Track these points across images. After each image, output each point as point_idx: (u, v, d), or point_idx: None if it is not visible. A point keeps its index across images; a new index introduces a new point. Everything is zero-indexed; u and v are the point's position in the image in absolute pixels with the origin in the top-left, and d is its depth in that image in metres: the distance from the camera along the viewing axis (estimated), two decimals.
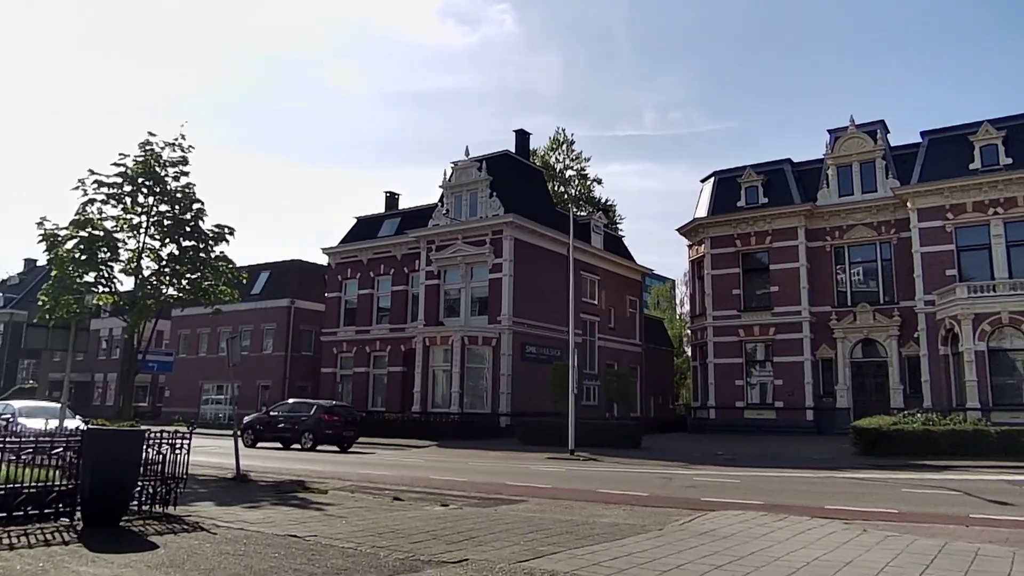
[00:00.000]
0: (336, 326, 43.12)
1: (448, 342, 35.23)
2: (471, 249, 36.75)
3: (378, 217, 45.32)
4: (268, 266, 49.47)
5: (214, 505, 9.97)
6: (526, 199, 38.68)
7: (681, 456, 23.64)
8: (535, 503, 12.24)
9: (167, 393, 53.82)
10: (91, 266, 18.70)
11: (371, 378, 41.10)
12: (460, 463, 20.96)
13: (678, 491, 14.29)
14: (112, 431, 7.73)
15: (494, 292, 36.04)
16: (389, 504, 11.09)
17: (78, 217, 18.76)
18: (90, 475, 7.52)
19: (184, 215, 19.79)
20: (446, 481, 15.62)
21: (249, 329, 47.42)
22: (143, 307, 19.21)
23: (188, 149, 20.61)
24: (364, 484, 14.76)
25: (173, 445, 8.81)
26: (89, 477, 7.53)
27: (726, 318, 38.91)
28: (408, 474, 17.23)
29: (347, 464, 20.24)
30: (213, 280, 19.96)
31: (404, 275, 40.45)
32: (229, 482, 13.52)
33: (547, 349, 37.92)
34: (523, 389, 35.31)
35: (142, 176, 19.66)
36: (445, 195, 39.09)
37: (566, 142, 68.63)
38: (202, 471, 16.82)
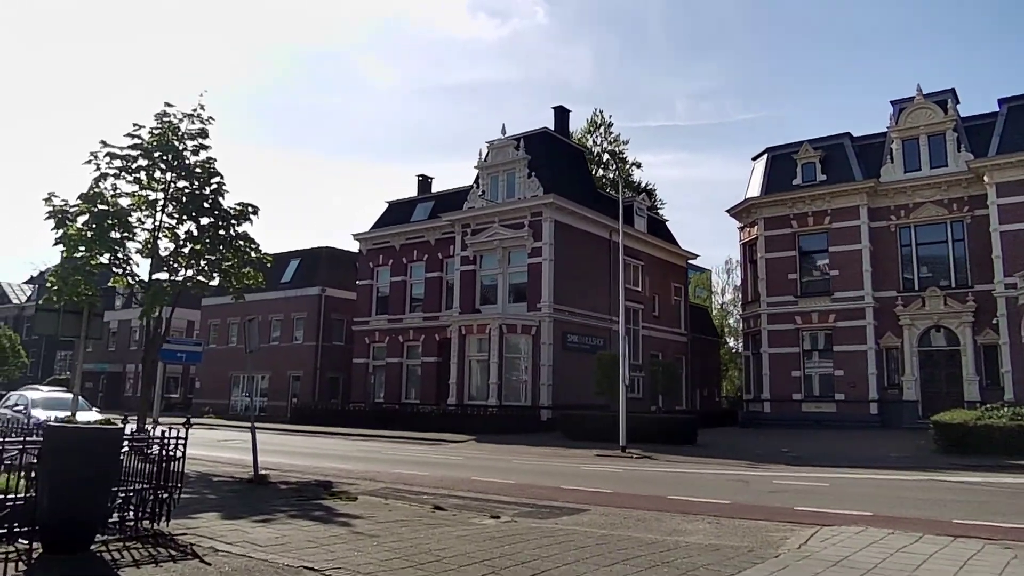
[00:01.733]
0: (368, 315, 41.56)
1: (485, 331, 33.41)
2: (509, 232, 34.83)
3: (410, 201, 43.56)
4: (298, 254, 48.09)
5: (219, 517, 8.24)
6: (566, 179, 36.63)
7: (743, 454, 21.53)
8: (599, 513, 10.36)
9: (197, 384, 52.93)
10: (102, 245, 17.17)
11: (404, 369, 39.46)
12: (503, 461, 19.14)
13: (762, 498, 12.27)
14: (78, 430, 5.97)
15: (533, 278, 34.11)
16: (429, 515, 9.27)
17: (88, 192, 17.24)
18: (48, 486, 5.80)
19: (202, 190, 18.17)
20: (490, 484, 13.78)
21: (279, 318, 46.17)
22: (158, 290, 17.64)
23: (208, 121, 18.94)
24: (399, 486, 13.00)
25: (164, 446, 7.06)
26: (47, 489, 5.80)
27: (781, 304, 36.48)
28: (447, 474, 15.43)
29: (380, 461, 18.54)
30: (234, 261, 18.34)
31: (438, 261, 38.67)
32: (245, 484, 11.83)
33: (590, 338, 35.94)
34: (565, 380, 33.40)
35: (158, 150, 18.09)
36: (481, 176, 37.20)
37: (604, 124, 66.43)
38: (220, 468, 15.27)
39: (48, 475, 5.83)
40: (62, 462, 5.81)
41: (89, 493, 5.85)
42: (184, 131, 18.66)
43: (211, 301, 48.15)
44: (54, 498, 5.76)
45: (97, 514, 6.03)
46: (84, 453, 5.86)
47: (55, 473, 5.81)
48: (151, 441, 7.03)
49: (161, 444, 7.05)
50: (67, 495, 5.76)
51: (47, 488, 5.82)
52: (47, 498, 5.80)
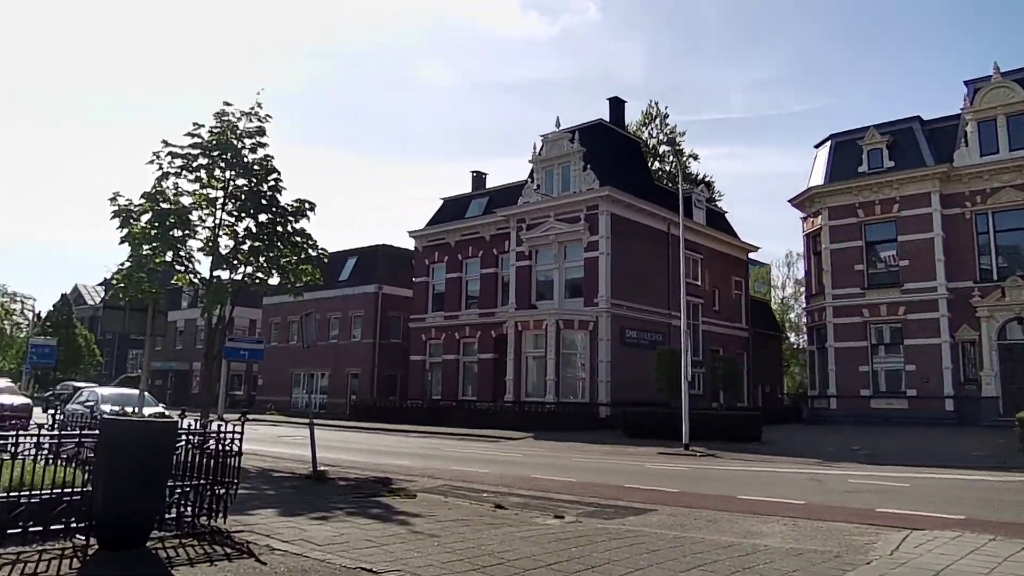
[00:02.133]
0: (424, 312, 41.64)
1: (541, 327, 33.03)
2: (564, 227, 34.36)
3: (465, 197, 43.48)
4: (354, 252, 48.53)
5: (277, 514, 8.08)
6: (622, 171, 35.95)
7: (812, 452, 20.62)
8: (667, 513, 9.89)
9: (260, 382, 54.00)
10: (165, 243, 17.43)
11: (461, 366, 39.39)
12: (563, 459, 18.75)
13: (839, 498, 11.59)
14: (132, 423, 5.83)
15: (590, 272, 33.57)
16: (490, 514, 8.95)
17: (151, 191, 17.53)
18: (103, 481, 5.67)
19: (260, 187, 18.30)
20: (552, 482, 13.41)
21: (337, 316, 46.68)
22: (218, 287, 17.82)
23: (265, 119, 19.10)
24: (458, 484, 12.74)
25: (220, 440, 6.90)
26: (102, 483, 5.67)
27: (847, 297, 35.08)
28: (507, 472, 15.12)
29: (438, 458, 18.36)
30: (291, 256, 18.43)
31: (493, 257, 38.46)
32: (304, 481, 11.72)
33: (648, 334, 35.23)
34: (623, 377, 32.80)
35: (217, 149, 18.29)
36: (535, 170, 36.81)
37: (659, 116, 65.28)
38: (281, 464, 15.27)
39: (103, 469, 5.70)
40: (116, 456, 5.67)
41: (144, 488, 5.70)
42: (242, 129, 18.84)
43: (272, 300, 49.00)
44: (109, 493, 5.63)
45: (152, 510, 5.87)
46: (138, 447, 5.71)
47: (110, 467, 5.67)
48: (207, 435, 6.86)
49: (217, 438, 6.88)
50: (121, 489, 5.62)
51: (102, 482, 5.69)
52: (102, 493, 5.67)
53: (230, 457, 6.94)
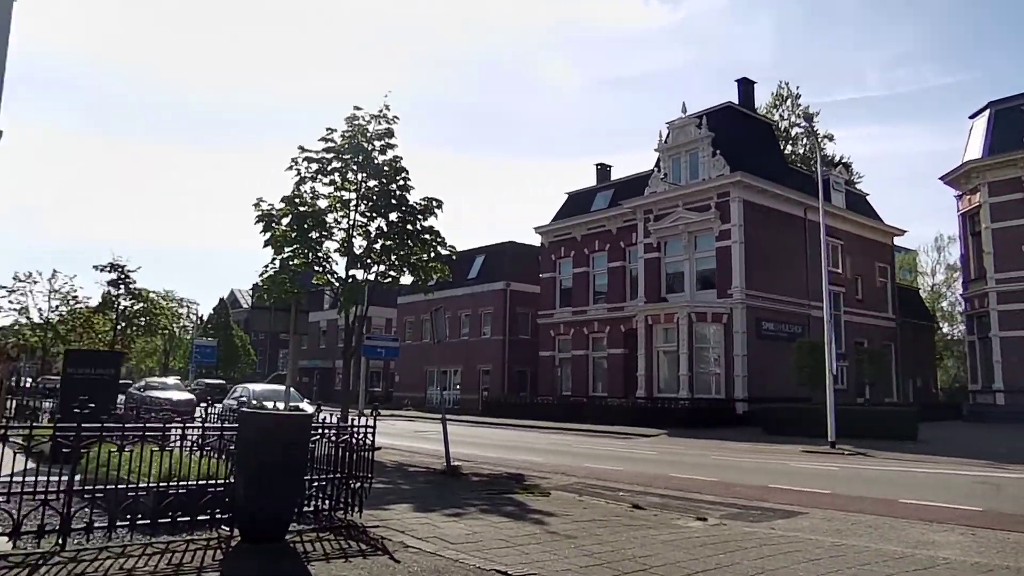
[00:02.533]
0: (552, 308, 41.52)
1: (672, 320, 32.03)
2: (694, 216, 33.15)
3: (590, 191, 42.95)
4: (482, 250, 49.15)
5: (411, 509, 8.04)
6: (754, 155, 34.23)
7: (979, 452, 18.66)
8: (820, 517, 9.10)
9: (397, 378, 55.85)
10: (304, 244, 18.20)
11: (590, 361, 38.95)
12: (700, 457, 17.95)
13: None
14: (269, 415, 5.91)
15: (722, 262, 32.20)
16: (628, 514, 8.55)
17: (290, 195, 18.36)
18: (243, 473, 5.76)
19: (390, 186, 18.74)
20: (690, 481, 12.79)
21: (467, 314, 47.47)
22: (353, 286, 18.40)
23: (393, 120, 19.58)
24: (592, 482, 12.39)
25: (354, 434, 6.91)
26: (243, 476, 5.77)
27: (1014, 280, 31.67)
28: (642, 470, 14.60)
29: (571, 455, 18.08)
30: (421, 254, 18.75)
31: (620, 250, 37.72)
32: (438, 476, 11.75)
33: (786, 325, 33.37)
34: (760, 371, 31.23)
35: (349, 152, 18.90)
36: (661, 158, 35.75)
37: (790, 96, 61.89)
38: (416, 459, 15.50)
39: (242, 462, 5.80)
40: (254, 449, 5.76)
41: (280, 481, 5.75)
42: (372, 132, 19.39)
43: (406, 299, 50.60)
44: (248, 485, 5.72)
45: (290, 503, 5.93)
46: (275, 440, 5.77)
47: (248, 460, 5.76)
48: (341, 430, 6.89)
49: (350, 432, 6.89)
50: (259, 482, 5.69)
51: (242, 475, 5.79)
52: (242, 485, 5.76)
53: (363, 451, 6.93)
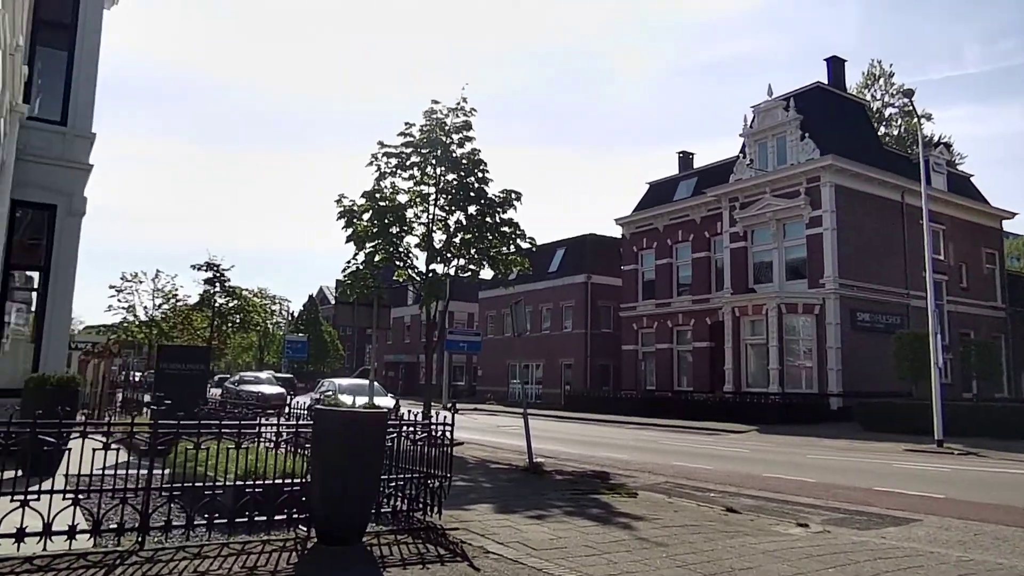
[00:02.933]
0: (634, 300, 40.71)
1: (761, 312, 30.81)
2: (782, 203, 31.76)
3: (672, 180, 41.85)
4: (563, 243, 48.74)
5: (493, 510, 7.78)
6: (846, 138, 32.49)
7: None
8: (935, 525, 8.36)
9: (479, 372, 56.15)
10: (385, 240, 18.29)
11: (675, 355, 37.98)
12: (794, 455, 17.08)
13: None
14: (342, 413, 5.73)
15: (813, 251, 30.73)
16: (722, 519, 8.04)
17: (370, 190, 18.49)
18: (318, 473, 5.62)
19: (468, 179, 18.61)
20: (785, 481, 12.09)
21: (549, 307, 47.21)
22: (434, 280, 18.37)
23: (471, 112, 19.46)
24: (681, 481, 11.87)
25: (431, 431, 6.70)
26: (317, 476, 5.63)
27: None
28: (733, 469, 13.94)
29: (657, 452, 17.52)
30: (500, 247, 18.56)
31: (705, 240, 36.57)
32: (520, 473, 11.49)
33: (883, 316, 31.59)
34: (856, 364, 29.67)
35: (427, 146, 18.88)
36: (746, 144, 34.40)
37: (883, 76, 58.67)
38: (499, 455, 15.31)
39: (316, 460, 5.66)
40: (328, 447, 5.60)
41: (355, 480, 5.58)
42: (450, 125, 19.31)
43: (487, 294, 50.74)
44: (323, 485, 5.57)
45: (365, 503, 5.75)
46: (349, 437, 5.60)
47: (322, 458, 5.62)
48: (418, 426, 6.69)
49: (428, 429, 6.68)
50: (334, 481, 5.54)
51: (317, 474, 5.65)
52: (319, 485, 5.63)
53: (442, 448, 6.71)
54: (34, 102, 11.40)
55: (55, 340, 11.11)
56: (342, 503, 5.50)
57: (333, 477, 5.53)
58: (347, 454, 5.50)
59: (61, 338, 11.29)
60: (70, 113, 11.52)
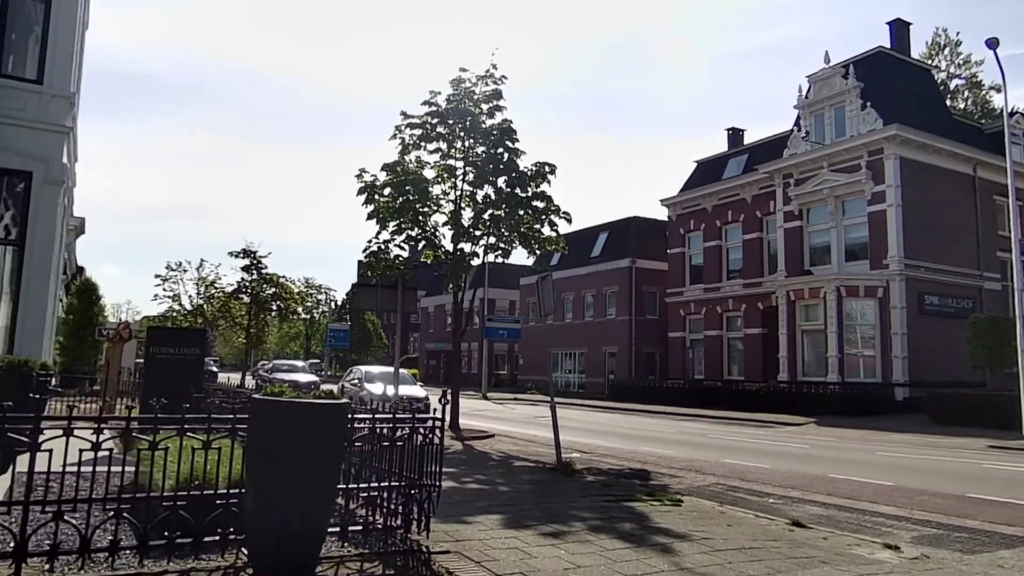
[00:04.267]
0: (681, 285, 38.76)
1: (819, 295, 28.68)
2: (841, 178, 29.51)
3: (721, 158, 39.63)
4: (606, 227, 46.94)
5: (501, 524, 6.34)
6: (910, 107, 30.02)
7: None
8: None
9: (521, 361, 54.80)
10: (409, 216, 16.97)
11: (724, 342, 35.98)
12: (861, 452, 15.25)
13: None
14: (290, 404, 4.34)
15: (876, 229, 28.45)
16: (788, 536, 6.48)
17: (391, 162, 17.18)
18: (254, 483, 4.27)
19: (498, 150, 17.16)
20: (857, 485, 10.39)
21: (592, 293, 45.57)
22: (460, 259, 17.00)
23: (501, 80, 17.98)
24: (733, 483, 10.27)
25: (415, 429, 5.29)
26: (253, 487, 4.28)
27: None
28: (793, 468, 12.25)
29: (705, 448, 15.88)
30: (532, 223, 17.08)
31: (756, 220, 34.41)
32: (546, 473, 10.02)
33: (953, 299, 29.18)
34: (923, 352, 27.40)
35: (454, 115, 17.48)
36: (802, 116, 32.11)
37: (949, 45, 55.17)
38: (530, 449, 13.88)
39: (252, 466, 4.30)
40: (267, 448, 4.23)
41: (302, 492, 4.19)
42: (479, 95, 17.88)
43: (528, 280, 49.17)
44: (259, 498, 4.21)
45: (316, 523, 4.35)
46: (296, 436, 4.21)
47: (259, 463, 4.25)
48: (397, 423, 5.29)
49: (412, 425, 5.28)
50: (272, 494, 4.17)
51: (252, 485, 4.29)
52: (251, 499, 4.27)
53: (431, 449, 5.30)
54: (6, 59, 10.34)
55: (31, 322, 10.06)
56: (284, 523, 4.13)
57: (270, 489, 4.17)
58: (291, 458, 4.13)
59: (38, 320, 10.23)
60: (47, 71, 10.43)
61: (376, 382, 21.05)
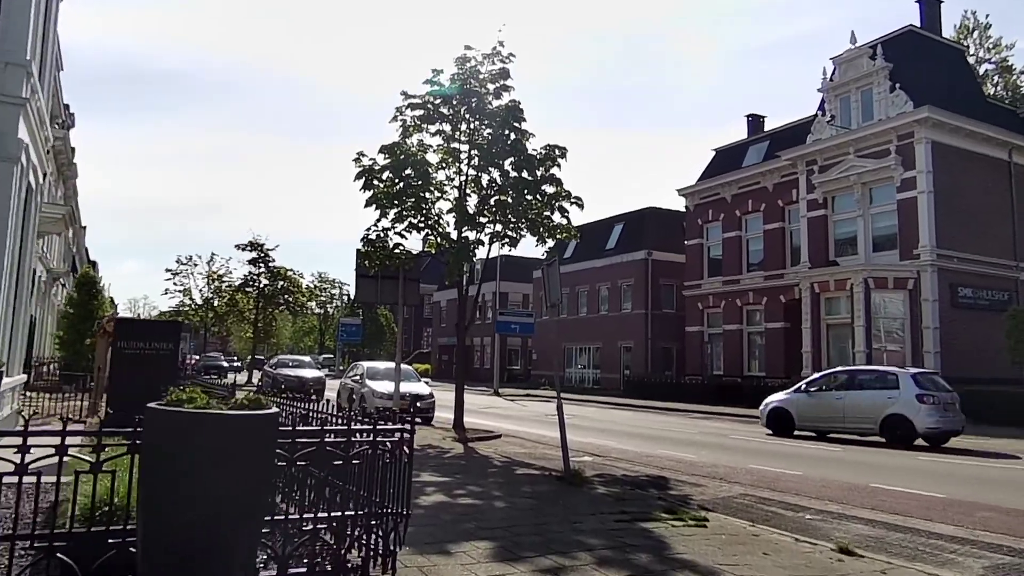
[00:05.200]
0: (699, 278, 37.44)
1: (845, 287, 27.32)
2: (868, 164, 28.09)
3: (740, 145, 38.19)
4: (621, 218, 45.66)
5: (489, 555, 5.24)
6: (942, 89, 28.52)
7: None
8: None
9: (534, 356, 53.72)
10: (411, 201, 15.88)
11: (744, 337, 34.64)
12: (900, 457, 13.95)
13: None
14: (195, 416, 3.27)
15: (906, 218, 27.04)
16: (837, 570, 5.35)
17: (389, 144, 16.08)
18: (144, 515, 3.21)
19: (504, 131, 16.03)
20: (904, 497, 9.21)
21: (606, 287, 44.37)
22: (463, 246, 15.90)
23: (509, 59, 16.81)
24: (763, 494, 9.14)
25: (375, 442, 4.22)
26: (142, 516, 3.22)
27: None
28: (827, 475, 11.05)
29: (727, 450, 14.71)
30: (542, 208, 15.95)
31: (778, 209, 33.02)
32: (552, 484, 8.91)
33: (988, 291, 27.73)
34: (956, 347, 26.01)
35: (457, 95, 16.36)
36: (826, 100, 30.68)
37: (978, 28, 53.22)
38: (538, 451, 12.78)
39: (146, 494, 3.24)
40: (166, 471, 3.17)
41: (215, 527, 3.13)
42: (485, 74, 16.76)
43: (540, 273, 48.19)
44: (151, 534, 3.15)
45: (231, 567, 3.28)
46: (207, 456, 3.16)
47: (153, 494, 3.19)
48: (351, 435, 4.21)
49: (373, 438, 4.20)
50: (173, 530, 3.11)
51: (143, 518, 3.23)
52: (143, 536, 3.21)
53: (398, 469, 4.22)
54: None
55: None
56: (190, 564, 3.08)
57: (166, 524, 3.11)
58: (195, 483, 3.07)
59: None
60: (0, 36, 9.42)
61: (378, 379, 20.02)
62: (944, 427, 15.61)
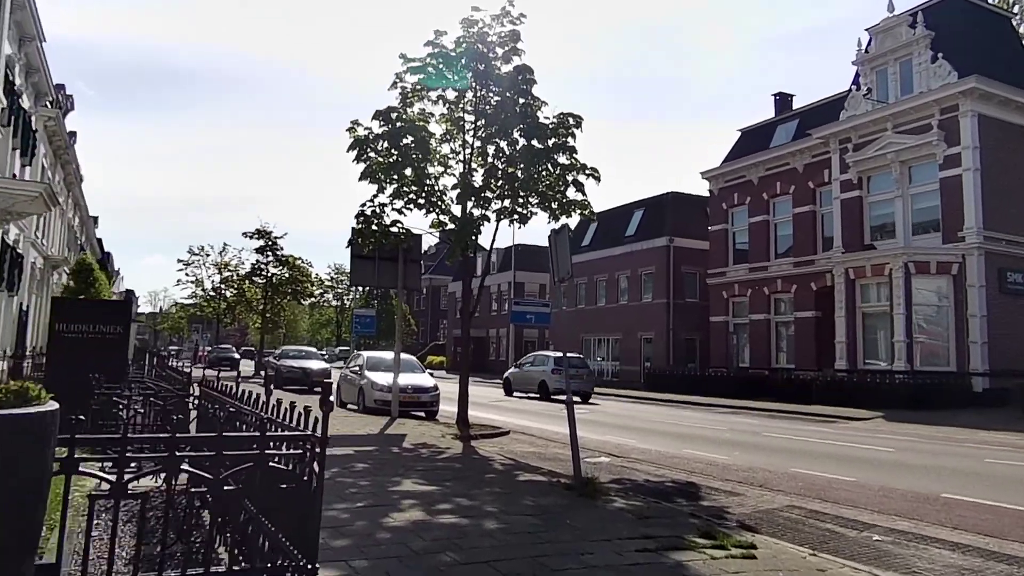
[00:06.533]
0: (724, 265, 35.64)
1: (883, 273, 25.45)
2: (907, 140, 26.17)
3: (768, 125, 36.21)
4: (641, 204, 43.86)
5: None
6: (988, 58, 26.45)
7: None
8: None
9: (551, 347, 52.15)
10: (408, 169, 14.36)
11: (772, 327, 32.84)
12: (964, 459, 12.26)
13: None
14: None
15: (949, 198, 25.12)
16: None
17: (384, 109, 14.56)
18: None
19: (514, 95, 14.48)
20: (988, 512, 7.60)
21: (626, 275, 42.61)
22: (466, 221, 14.39)
23: (519, 19, 15.21)
24: (813, 506, 7.57)
25: (263, 456, 2.72)
26: None
27: None
28: (886, 482, 9.41)
29: (762, 450, 13.10)
30: (554, 181, 14.38)
31: (808, 191, 31.12)
32: (559, 495, 7.37)
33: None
34: (1006, 336, 24.17)
35: (463, 57, 14.82)
36: (861, 73, 28.72)
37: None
38: (550, 451, 11.30)
39: None
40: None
41: None
42: (493, 37, 15.22)
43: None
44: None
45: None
46: None
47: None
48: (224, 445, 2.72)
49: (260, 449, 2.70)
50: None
51: None
52: None
53: (308, 494, 2.72)
54: None
55: None
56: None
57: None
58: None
59: None
60: None
61: (379, 369, 18.59)
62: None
